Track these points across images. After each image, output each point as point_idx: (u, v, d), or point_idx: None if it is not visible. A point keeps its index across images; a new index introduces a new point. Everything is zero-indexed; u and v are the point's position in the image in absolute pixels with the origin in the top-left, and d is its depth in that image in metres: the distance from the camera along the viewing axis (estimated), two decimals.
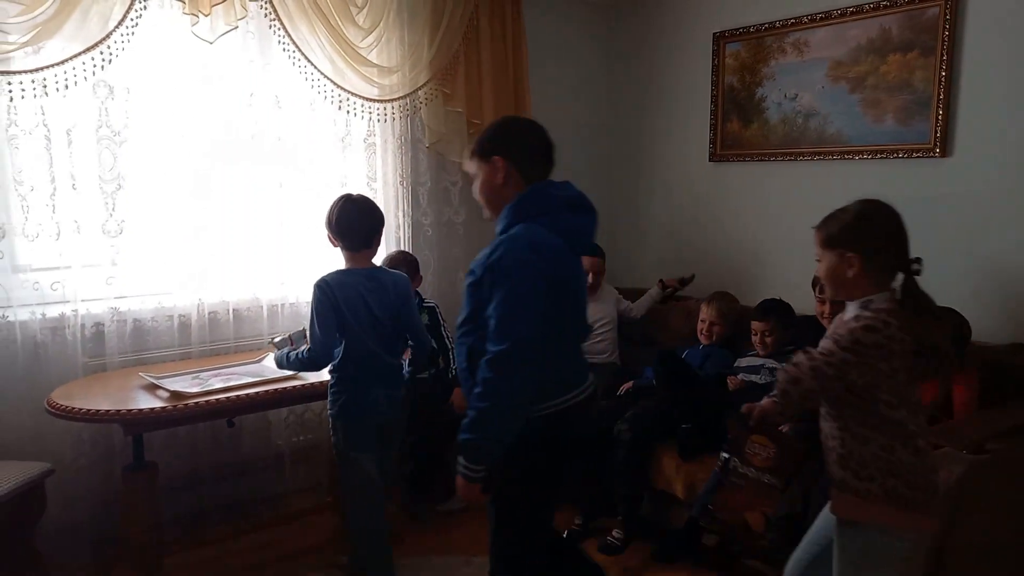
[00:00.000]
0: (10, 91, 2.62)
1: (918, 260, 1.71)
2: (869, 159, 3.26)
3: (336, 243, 2.53)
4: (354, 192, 2.64)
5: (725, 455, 2.21)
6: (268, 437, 3.37)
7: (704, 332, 3.38)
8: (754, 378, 3.07)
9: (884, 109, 3.20)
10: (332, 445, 2.59)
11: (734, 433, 2.12)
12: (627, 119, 4.39)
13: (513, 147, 1.96)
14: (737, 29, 3.72)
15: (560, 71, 4.22)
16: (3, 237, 2.70)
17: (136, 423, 2.46)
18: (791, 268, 3.02)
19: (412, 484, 3.42)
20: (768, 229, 3.69)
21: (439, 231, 3.82)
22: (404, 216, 3.70)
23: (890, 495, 1.65)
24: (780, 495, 2.16)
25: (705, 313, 3.39)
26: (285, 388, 2.70)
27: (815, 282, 2.84)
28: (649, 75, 4.23)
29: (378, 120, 3.51)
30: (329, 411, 2.55)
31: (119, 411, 2.42)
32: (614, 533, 2.97)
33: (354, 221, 2.50)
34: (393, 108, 3.52)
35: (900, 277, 1.73)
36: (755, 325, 3.14)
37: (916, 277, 1.71)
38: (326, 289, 2.43)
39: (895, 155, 3.16)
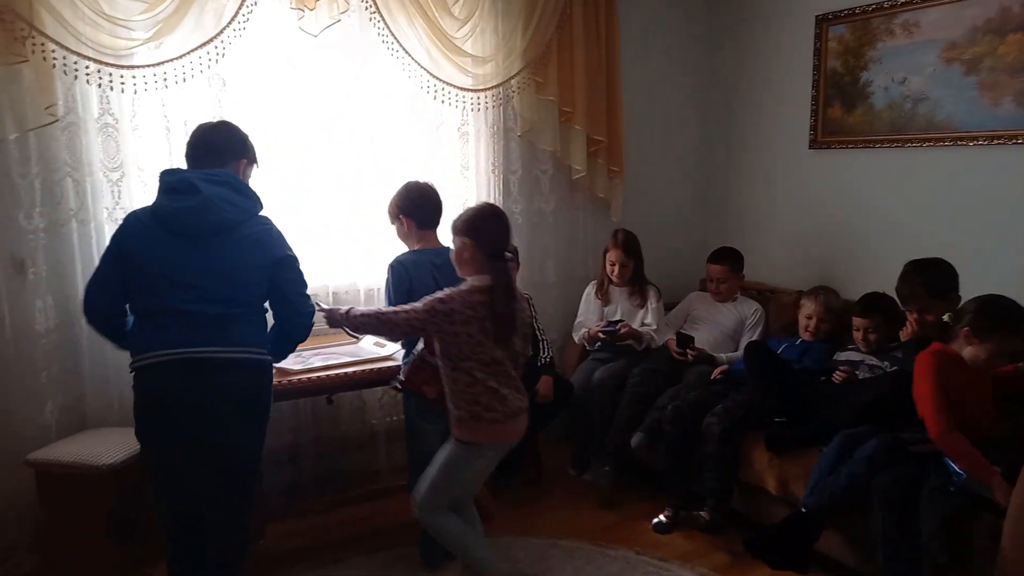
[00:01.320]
0: (134, 84, 2.81)
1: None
2: (985, 145, 3.08)
3: (407, 224, 2.66)
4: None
5: None
6: (364, 416, 3.50)
7: (809, 328, 3.26)
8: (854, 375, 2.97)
9: (1002, 92, 3.01)
10: (404, 416, 2.73)
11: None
12: (722, 106, 4.29)
13: None
14: (842, 11, 3.57)
15: (653, 56, 4.16)
16: None
17: None
18: (893, 260, 2.88)
19: (499, 467, 3.48)
20: (871, 219, 3.54)
21: (529, 219, 3.85)
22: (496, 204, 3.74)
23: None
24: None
25: (810, 308, 3.27)
26: (380, 368, 2.80)
27: (905, 298, 2.76)
28: (746, 60, 4.12)
29: (471, 109, 3.57)
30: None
31: None
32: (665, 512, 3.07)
33: (426, 198, 2.69)
34: (486, 97, 3.57)
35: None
36: (858, 321, 3.03)
37: None
38: (399, 268, 2.60)
39: (1014, 140, 2.97)
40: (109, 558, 2.56)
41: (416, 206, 2.66)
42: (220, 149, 2.24)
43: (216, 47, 2.90)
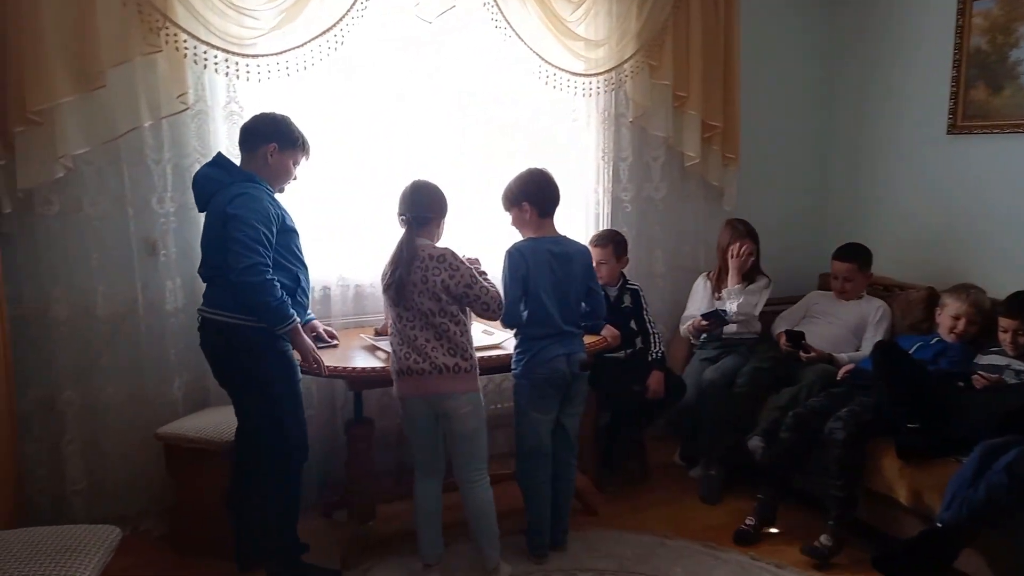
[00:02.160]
0: (258, 73, 2.88)
1: None
2: None
3: (528, 211, 2.60)
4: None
5: None
6: None
7: (956, 330, 3.00)
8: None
9: None
10: (513, 404, 2.72)
11: None
12: (846, 89, 4.04)
13: None
14: None
15: (776, 35, 3.96)
16: None
17: (359, 380, 2.66)
18: None
19: (604, 459, 3.44)
20: (1014, 211, 3.24)
21: (638, 207, 3.75)
22: (604, 192, 3.66)
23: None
24: None
25: (958, 308, 3.00)
26: (488, 357, 2.78)
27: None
28: (875, 40, 3.85)
29: (582, 94, 3.49)
30: (513, 370, 2.68)
31: (346, 368, 2.61)
32: (821, 539, 2.75)
33: (545, 186, 2.62)
34: (598, 82, 3.48)
35: None
36: (1006, 322, 2.79)
37: None
38: (516, 255, 2.59)
39: None
40: (229, 528, 2.66)
41: (538, 193, 2.62)
42: (250, 134, 2.45)
43: (336, 35, 2.94)
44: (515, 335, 2.69)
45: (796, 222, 4.16)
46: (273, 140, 2.43)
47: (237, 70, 2.86)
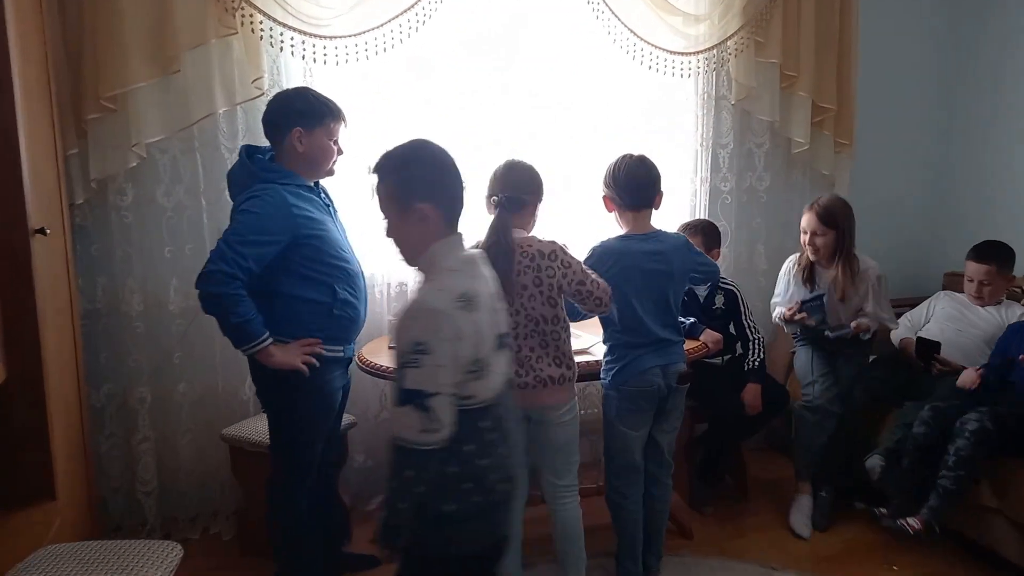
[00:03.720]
0: (336, 55, 2.72)
1: None
2: None
3: (617, 204, 2.35)
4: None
5: None
6: None
7: None
8: None
9: None
10: (603, 416, 2.46)
11: None
12: (982, 70, 3.60)
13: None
14: None
15: (897, 7, 3.58)
16: None
17: None
18: None
19: (699, 475, 3.15)
20: None
21: (739, 198, 3.43)
22: (702, 181, 3.37)
23: None
24: None
25: None
26: (589, 361, 2.54)
27: None
28: (1007, 13, 3.41)
29: (680, 75, 3.19)
30: (602, 380, 2.44)
31: None
32: (909, 520, 2.53)
33: (633, 173, 2.32)
34: (698, 61, 3.18)
35: None
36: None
37: None
38: (600, 254, 2.33)
39: None
40: None
41: (621, 182, 2.33)
42: (269, 127, 2.17)
43: (416, 14, 2.75)
44: (604, 341, 2.43)
45: (916, 216, 3.78)
46: (296, 124, 2.11)
47: (314, 52, 2.71)
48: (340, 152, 2.24)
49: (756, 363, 2.97)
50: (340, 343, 2.22)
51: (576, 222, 3.10)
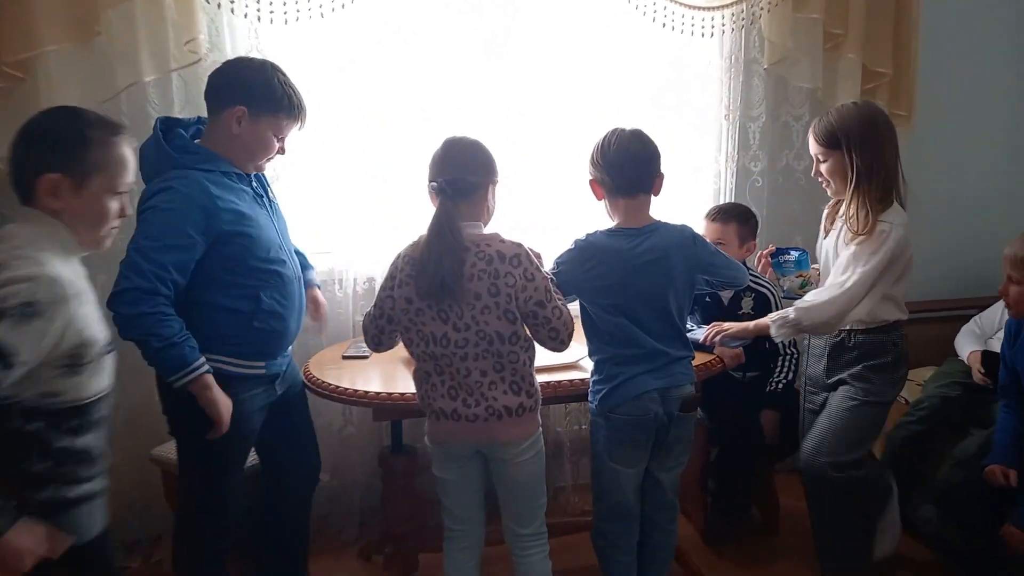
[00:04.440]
0: (285, 14, 2.32)
1: None
2: None
3: (607, 188, 1.90)
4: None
5: None
6: (546, 424, 2.84)
7: None
8: None
9: None
10: (591, 446, 2.03)
11: None
12: None
13: None
14: None
15: None
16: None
17: (388, 410, 2.05)
18: None
19: (716, 505, 2.69)
20: None
21: (772, 181, 2.95)
22: (727, 160, 2.89)
23: None
24: None
25: None
26: (558, 383, 2.10)
27: None
28: None
29: (702, 34, 2.71)
30: (590, 403, 1.99)
31: (371, 393, 2.03)
32: None
33: (631, 151, 1.86)
34: (723, 17, 2.70)
35: None
36: None
37: None
38: (584, 252, 1.88)
39: None
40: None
41: (611, 160, 1.87)
42: (212, 90, 1.81)
43: None
44: (591, 355, 1.99)
45: (984, 205, 3.25)
46: (241, 101, 1.75)
47: (259, 10, 2.31)
48: (282, 152, 1.88)
49: (780, 385, 2.50)
50: (261, 358, 1.85)
51: (574, 217, 2.64)
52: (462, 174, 1.70)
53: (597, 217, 2.00)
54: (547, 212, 2.71)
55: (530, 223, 2.64)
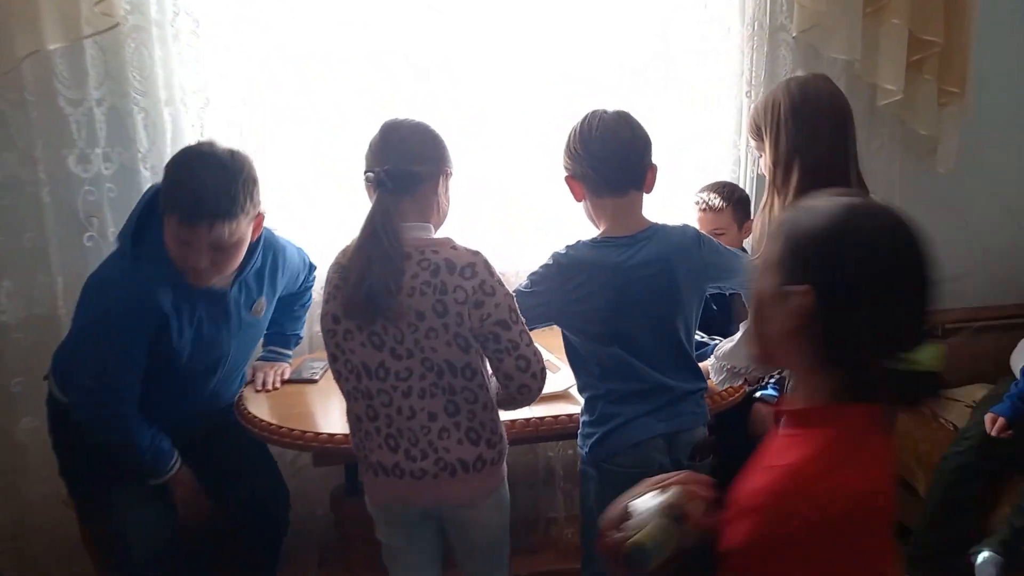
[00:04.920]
0: None
1: None
2: None
3: (588, 186, 1.54)
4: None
5: None
6: (535, 446, 2.54)
7: None
8: None
9: None
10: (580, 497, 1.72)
11: None
12: None
13: None
14: None
15: None
16: None
17: (331, 454, 1.70)
18: None
19: None
20: None
21: None
22: (746, 146, 2.49)
23: None
24: None
25: None
26: (541, 419, 1.75)
27: None
28: None
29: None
30: (580, 448, 1.65)
31: (308, 434, 1.67)
32: None
33: (618, 137, 1.50)
34: None
35: None
36: None
37: None
38: (566, 271, 1.52)
39: None
40: None
41: (593, 150, 1.50)
42: None
43: None
44: (580, 390, 1.62)
45: None
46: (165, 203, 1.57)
47: None
48: (209, 264, 1.55)
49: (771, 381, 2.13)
50: None
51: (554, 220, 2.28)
52: (405, 163, 1.35)
53: (582, 221, 1.63)
54: (519, 214, 2.31)
55: (497, 227, 2.27)
